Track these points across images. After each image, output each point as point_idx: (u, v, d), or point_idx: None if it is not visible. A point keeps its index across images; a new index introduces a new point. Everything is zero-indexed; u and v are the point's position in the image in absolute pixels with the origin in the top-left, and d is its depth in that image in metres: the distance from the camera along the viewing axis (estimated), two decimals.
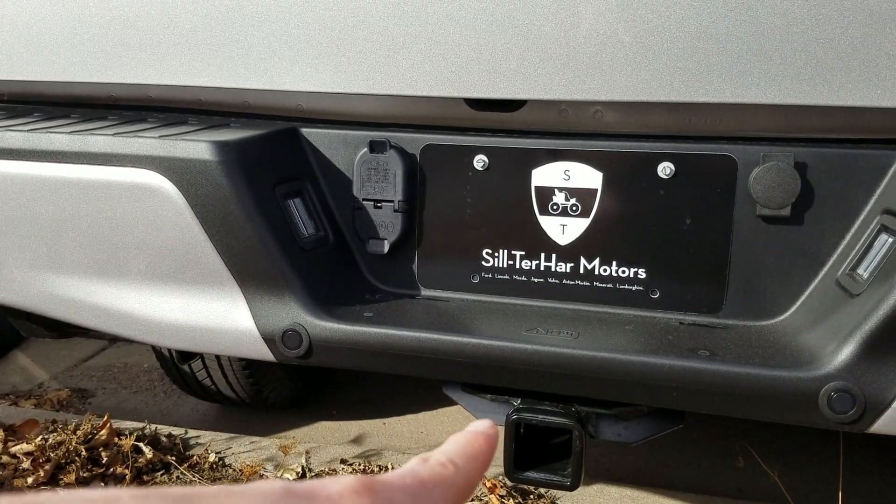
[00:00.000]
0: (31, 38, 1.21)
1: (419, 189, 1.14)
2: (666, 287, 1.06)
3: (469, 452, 0.35)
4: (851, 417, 0.88)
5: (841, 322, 0.92)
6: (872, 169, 0.97)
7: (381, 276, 1.18)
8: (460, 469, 0.34)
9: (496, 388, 1.08)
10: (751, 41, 0.93)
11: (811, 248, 1.00)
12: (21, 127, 1.15)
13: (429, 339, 1.01)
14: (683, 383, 0.93)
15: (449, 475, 0.33)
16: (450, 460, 0.34)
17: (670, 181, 1.04)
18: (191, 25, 1.12)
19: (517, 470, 1.05)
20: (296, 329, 1.05)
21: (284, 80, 1.11)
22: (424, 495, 0.32)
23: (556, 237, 1.09)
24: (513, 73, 1.01)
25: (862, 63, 0.91)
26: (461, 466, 0.34)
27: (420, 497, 0.31)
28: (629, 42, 0.97)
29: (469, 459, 0.35)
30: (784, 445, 1.94)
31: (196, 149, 1.03)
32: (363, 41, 1.06)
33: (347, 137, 1.15)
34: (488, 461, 0.36)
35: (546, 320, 1.06)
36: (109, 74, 1.19)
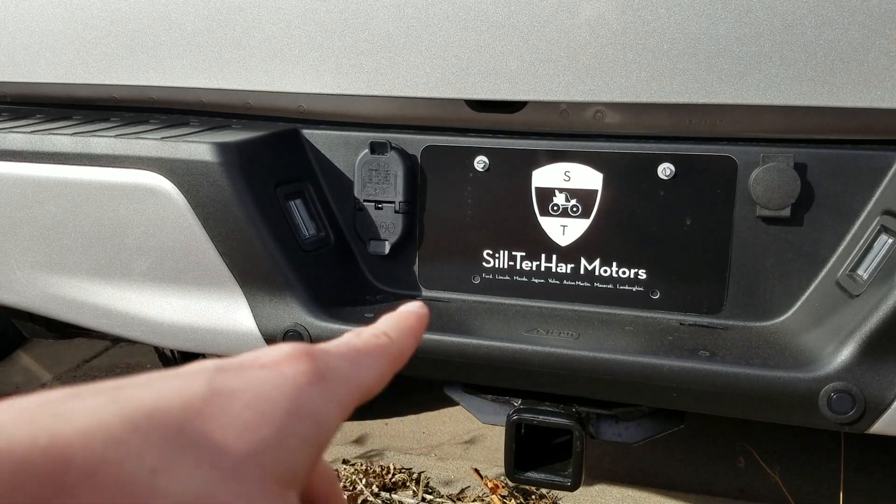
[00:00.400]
0: (34, 41, 1.22)
1: (420, 190, 1.14)
2: (666, 288, 1.06)
3: (402, 327, 0.36)
4: (851, 418, 0.89)
5: (841, 323, 0.92)
6: (872, 170, 0.97)
7: (381, 276, 1.18)
8: (394, 340, 0.35)
9: (497, 389, 1.08)
10: (751, 42, 0.93)
11: (811, 248, 1.00)
12: (24, 128, 1.15)
13: (430, 339, 1.01)
14: (684, 384, 0.93)
15: (383, 344, 0.35)
16: (383, 332, 0.35)
17: (670, 182, 1.04)
18: (192, 27, 1.13)
19: (518, 470, 1.05)
20: (297, 330, 1.05)
21: (286, 82, 1.11)
22: (360, 361, 0.33)
23: (556, 238, 1.10)
24: (513, 75, 1.02)
25: (861, 64, 0.91)
26: (395, 338, 0.35)
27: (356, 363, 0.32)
28: (630, 43, 0.97)
29: (402, 333, 0.36)
30: (785, 446, 1.94)
31: (197, 150, 1.03)
32: (364, 43, 1.06)
33: (348, 139, 1.16)
34: (419, 336, 0.37)
35: (547, 321, 1.06)
36: (111, 76, 1.19)
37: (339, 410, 0.30)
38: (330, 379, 0.30)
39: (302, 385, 0.28)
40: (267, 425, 0.26)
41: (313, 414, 0.28)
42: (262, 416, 0.26)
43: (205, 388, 0.26)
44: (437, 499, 1.73)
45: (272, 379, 0.28)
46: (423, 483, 1.79)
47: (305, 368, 0.29)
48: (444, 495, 1.74)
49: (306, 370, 0.29)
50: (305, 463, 0.28)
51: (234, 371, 0.28)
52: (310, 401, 0.28)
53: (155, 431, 0.24)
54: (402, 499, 1.73)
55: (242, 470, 0.25)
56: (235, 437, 0.25)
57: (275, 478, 0.26)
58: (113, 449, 0.23)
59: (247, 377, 0.27)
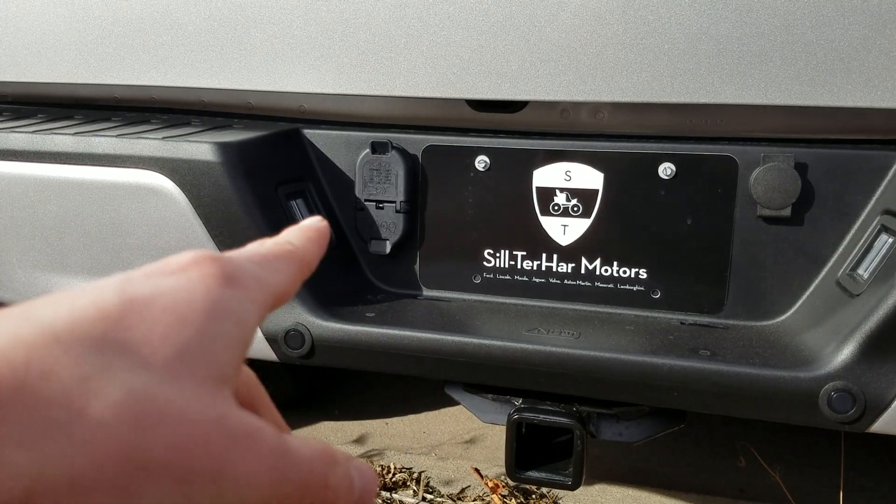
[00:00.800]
0: (36, 41, 1.22)
1: (421, 190, 1.14)
2: (667, 287, 1.07)
3: (305, 237, 0.36)
4: (851, 417, 0.89)
5: (841, 322, 0.92)
6: (873, 169, 0.97)
7: (383, 276, 1.19)
8: (298, 247, 0.35)
9: (498, 388, 1.08)
10: (751, 42, 0.93)
11: (811, 248, 1.00)
12: (25, 128, 1.15)
13: (430, 339, 1.02)
14: (684, 383, 0.93)
15: (289, 250, 0.34)
16: (287, 241, 0.35)
17: (671, 182, 1.04)
18: (194, 27, 1.13)
19: (519, 469, 1.05)
20: (298, 329, 1.06)
21: (287, 82, 1.11)
22: (268, 265, 0.32)
23: (557, 237, 1.10)
24: (514, 75, 1.02)
25: (862, 64, 0.91)
26: (299, 245, 0.35)
27: (264, 266, 0.32)
28: (630, 43, 0.97)
29: (305, 241, 0.36)
30: (785, 445, 1.94)
31: (199, 150, 1.03)
32: (365, 43, 1.06)
33: (349, 138, 1.16)
34: (322, 248, 0.37)
35: (547, 320, 1.06)
36: (113, 76, 1.20)
37: (255, 310, 0.30)
38: (241, 280, 0.29)
39: (214, 287, 0.28)
40: (188, 327, 0.26)
41: (231, 313, 0.28)
42: (183, 318, 0.26)
43: (118, 298, 0.26)
44: (437, 498, 1.73)
45: (183, 284, 0.28)
46: (423, 482, 1.79)
47: (214, 271, 0.29)
48: (445, 495, 1.74)
49: (215, 272, 0.29)
50: (232, 361, 0.28)
51: (142, 279, 0.27)
52: (226, 301, 0.28)
53: (77, 342, 0.24)
54: (403, 498, 1.73)
55: (174, 370, 0.25)
56: (160, 341, 0.25)
57: (206, 377, 0.26)
58: (37, 361, 0.22)
59: (157, 284, 0.27)
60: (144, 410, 0.23)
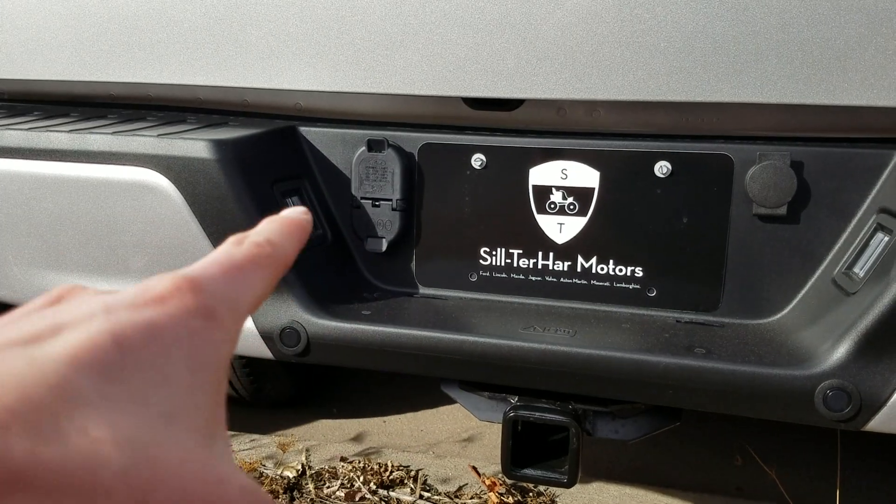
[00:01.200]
0: (31, 38, 1.22)
1: (417, 188, 1.14)
2: (663, 285, 1.07)
3: (285, 232, 0.35)
4: (847, 415, 0.89)
5: (837, 320, 0.92)
6: (868, 168, 0.97)
7: (379, 274, 1.18)
8: (277, 247, 0.34)
9: (494, 386, 1.08)
10: (747, 40, 0.93)
11: (807, 246, 1.00)
12: (21, 126, 1.15)
13: (426, 337, 1.02)
14: (680, 381, 0.93)
15: (266, 254, 0.33)
16: (266, 240, 0.34)
17: (667, 180, 1.04)
18: (190, 24, 1.13)
19: (515, 467, 1.05)
20: (294, 327, 1.06)
21: (283, 79, 1.11)
22: (245, 279, 0.32)
23: (553, 236, 1.10)
24: (511, 73, 1.02)
25: (858, 62, 0.91)
26: (278, 244, 0.34)
27: (241, 282, 0.31)
28: (627, 41, 0.97)
29: (285, 238, 0.35)
30: (782, 443, 1.94)
31: (194, 147, 1.03)
32: (361, 40, 1.06)
33: (345, 136, 1.16)
34: (302, 241, 0.36)
35: (543, 318, 1.06)
36: (109, 73, 1.19)
37: (230, 347, 0.30)
38: (219, 313, 0.29)
39: (196, 330, 0.28)
40: (177, 383, 0.26)
41: (212, 363, 0.28)
42: (170, 375, 0.26)
43: (112, 342, 0.25)
44: (434, 496, 1.73)
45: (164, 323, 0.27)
46: (420, 481, 1.79)
47: (192, 304, 0.28)
48: (442, 493, 1.74)
49: (194, 306, 0.28)
50: (219, 411, 0.28)
51: (126, 313, 0.27)
52: (206, 348, 0.28)
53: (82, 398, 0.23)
54: (400, 496, 1.73)
55: (171, 430, 0.25)
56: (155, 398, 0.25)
57: (201, 434, 0.26)
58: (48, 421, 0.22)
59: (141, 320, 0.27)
60: (147, 476, 0.23)
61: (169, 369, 0.26)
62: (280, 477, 1.80)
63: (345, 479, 1.80)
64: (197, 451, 0.26)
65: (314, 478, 1.80)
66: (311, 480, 1.79)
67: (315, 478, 1.81)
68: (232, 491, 0.26)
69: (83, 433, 0.23)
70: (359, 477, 1.79)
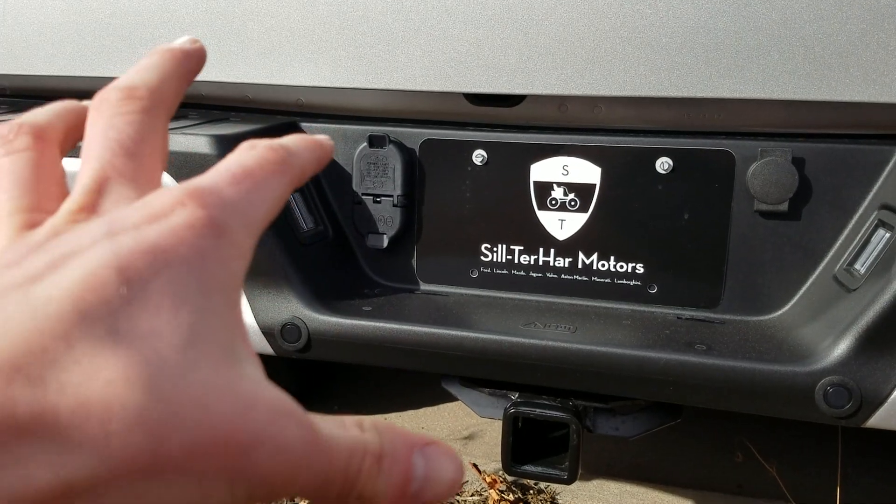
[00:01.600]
0: (33, 33, 1.22)
1: (418, 184, 1.14)
2: (663, 282, 1.06)
3: (303, 144, 0.32)
4: (847, 412, 0.89)
5: (838, 317, 0.92)
6: (870, 164, 0.97)
7: (379, 270, 1.18)
8: (293, 154, 0.31)
9: (494, 383, 1.08)
10: (750, 36, 0.93)
11: (809, 243, 1.00)
12: None
13: (427, 333, 1.02)
14: (680, 377, 0.93)
15: (280, 159, 0.30)
16: (281, 145, 0.31)
17: (668, 176, 1.04)
18: (191, 20, 1.13)
19: (515, 463, 1.05)
20: (294, 323, 1.06)
21: (284, 75, 1.11)
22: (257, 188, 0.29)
23: (554, 232, 1.10)
24: (512, 69, 1.02)
25: (860, 58, 0.91)
26: (294, 152, 0.31)
27: (252, 192, 0.28)
28: (628, 37, 0.97)
29: (302, 148, 0.32)
30: (783, 440, 1.94)
31: (195, 143, 1.03)
32: (363, 36, 1.06)
33: (347, 132, 1.16)
34: (321, 158, 0.33)
35: (544, 315, 1.06)
36: (111, 69, 1.19)
37: (244, 263, 0.27)
38: (230, 227, 0.27)
39: (205, 249, 0.26)
40: (189, 307, 0.24)
41: (224, 282, 0.26)
42: (182, 298, 0.24)
43: (115, 276, 0.24)
44: None
45: (171, 240, 0.25)
46: None
47: (200, 217, 0.26)
48: None
49: (201, 219, 0.26)
50: (237, 330, 0.26)
51: (129, 234, 0.25)
52: (218, 267, 0.26)
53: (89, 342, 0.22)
54: None
55: (190, 359, 0.24)
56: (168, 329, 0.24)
57: (220, 358, 0.24)
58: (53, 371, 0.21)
59: (146, 241, 0.25)
60: (163, 414, 0.22)
61: (179, 295, 0.24)
62: None
63: None
64: (219, 378, 0.24)
65: None
66: None
67: None
68: (260, 413, 0.24)
69: (92, 377, 0.22)
70: None
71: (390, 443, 0.27)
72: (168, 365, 0.23)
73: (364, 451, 0.26)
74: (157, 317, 0.24)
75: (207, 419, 0.23)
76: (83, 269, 0.24)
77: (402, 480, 0.27)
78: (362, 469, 0.26)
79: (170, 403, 0.22)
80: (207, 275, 0.25)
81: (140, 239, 0.25)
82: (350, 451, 0.26)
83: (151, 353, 0.23)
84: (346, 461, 0.26)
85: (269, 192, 0.29)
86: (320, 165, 0.33)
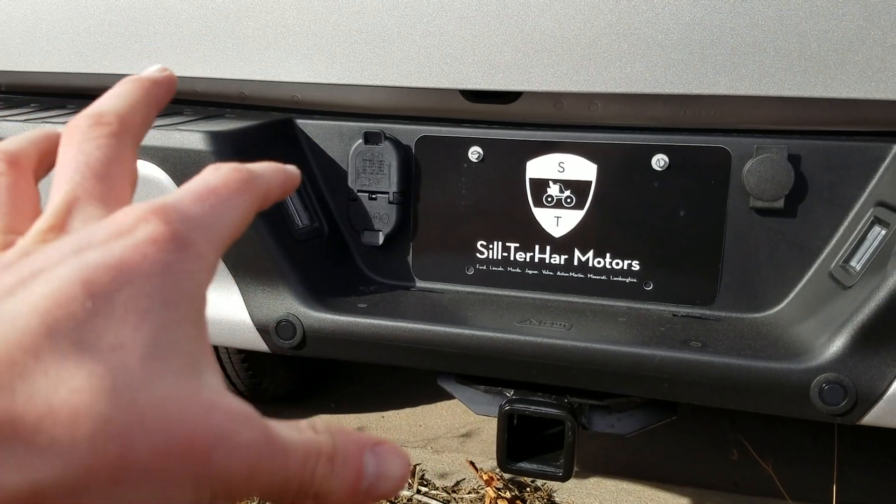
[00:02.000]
0: (28, 30, 1.22)
1: (414, 181, 1.14)
2: (659, 279, 1.06)
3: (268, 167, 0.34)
4: (842, 409, 0.89)
5: (833, 314, 0.92)
6: (866, 161, 0.97)
7: (375, 267, 1.18)
8: (258, 174, 0.32)
9: (489, 380, 1.08)
10: (746, 33, 0.93)
11: (804, 240, 1.00)
12: (16, 117, 1.15)
13: (423, 330, 1.01)
14: (675, 375, 0.93)
15: (244, 178, 0.31)
16: (246, 168, 0.32)
17: (664, 173, 1.04)
18: (187, 16, 1.12)
19: (510, 461, 1.05)
20: (289, 320, 1.05)
21: (280, 72, 1.11)
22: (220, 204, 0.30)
23: (550, 229, 1.09)
24: (508, 65, 1.01)
25: (857, 55, 0.90)
26: (258, 174, 0.32)
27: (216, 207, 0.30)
28: (624, 34, 0.97)
29: (267, 170, 0.33)
30: (779, 437, 1.94)
31: (190, 139, 1.03)
32: (358, 32, 1.06)
33: (342, 129, 1.15)
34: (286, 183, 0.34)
35: (539, 312, 1.06)
36: (106, 65, 1.19)
37: (208, 276, 0.28)
38: (193, 240, 0.28)
39: (168, 263, 0.27)
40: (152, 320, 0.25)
41: (188, 295, 0.27)
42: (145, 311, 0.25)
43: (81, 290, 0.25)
44: (432, 491, 1.73)
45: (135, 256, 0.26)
46: (418, 475, 1.79)
47: (162, 232, 0.27)
48: (440, 488, 1.74)
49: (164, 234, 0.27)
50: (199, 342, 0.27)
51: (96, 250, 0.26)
52: (181, 280, 0.27)
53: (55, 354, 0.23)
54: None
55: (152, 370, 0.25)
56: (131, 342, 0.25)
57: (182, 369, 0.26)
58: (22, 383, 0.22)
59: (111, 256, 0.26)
60: (128, 422, 0.23)
61: (142, 308, 0.25)
62: None
63: None
64: (180, 387, 0.25)
65: None
66: None
67: None
68: (219, 417, 0.25)
69: (59, 386, 0.23)
70: None
71: (342, 444, 0.28)
72: (132, 375, 0.24)
73: (318, 452, 0.28)
74: (122, 329, 0.25)
75: (170, 425, 0.24)
76: (50, 286, 0.25)
77: (354, 479, 0.28)
78: (317, 469, 0.27)
79: (134, 411, 0.23)
80: (171, 288, 0.26)
81: (105, 255, 0.26)
82: (305, 453, 0.27)
83: (116, 363, 0.24)
84: (301, 462, 0.27)
85: (232, 209, 0.30)
86: (285, 190, 0.34)
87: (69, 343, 0.23)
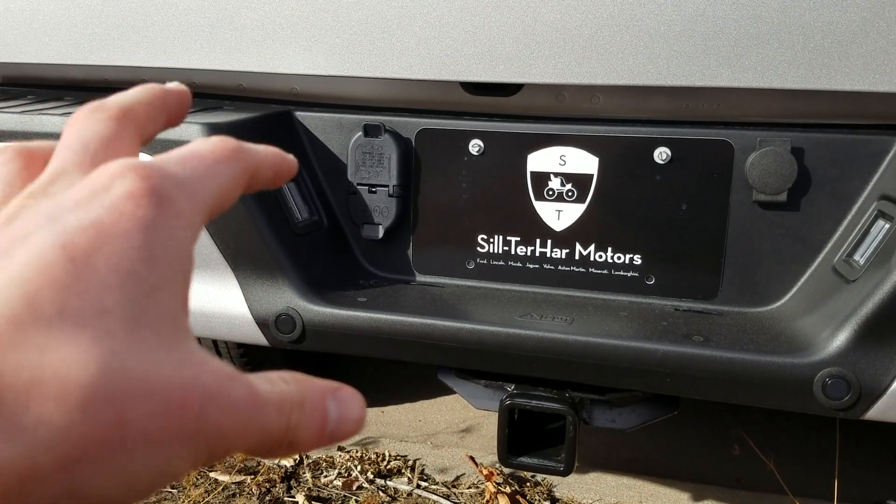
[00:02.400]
0: (25, 21, 1.21)
1: (414, 174, 1.13)
2: (661, 273, 1.06)
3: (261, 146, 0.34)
4: (846, 404, 0.88)
5: (837, 308, 0.92)
6: (870, 154, 0.96)
7: (375, 261, 1.17)
8: (248, 150, 0.32)
9: (490, 374, 1.08)
10: (748, 25, 0.92)
11: (808, 233, 0.99)
12: (13, 109, 1.14)
13: (423, 324, 1.01)
14: (677, 369, 0.92)
15: (233, 147, 0.31)
16: (236, 141, 0.32)
17: (667, 166, 1.03)
18: (185, 8, 1.11)
19: (511, 455, 1.05)
20: (289, 313, 1.05)
21: (279, 63, 1.10)
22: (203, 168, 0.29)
23: (551, 223, 1.09)
24: (509, 57, 1.00)
25: (861, 47, 0.90)
26: (249, 149, 0.32)
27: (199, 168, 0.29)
28: (626, 25, 0.96)
29: (260, 148, 0.33)
30: (781, 433, 1.94)
31: (188, 131, 1.02)
32: (358, 23, 1.05)
33: (342, 121, 1.14)
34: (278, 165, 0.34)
35: (540, 306, 1.05)
36: (103, 57, 1.18)
37: (189, 234, 0.28)
38: (171, 196, 0.27)
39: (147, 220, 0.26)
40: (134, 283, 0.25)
41: (170, 254, 0.26)
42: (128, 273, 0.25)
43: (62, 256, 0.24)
44: (432, 486, 1.73)
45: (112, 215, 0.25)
46: (418, 470, 1.78)
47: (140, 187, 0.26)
48: (440, 482, 1.74)
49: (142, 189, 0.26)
50: (181, 304, 0.27)
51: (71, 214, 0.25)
52: (162, 238, 0.26)
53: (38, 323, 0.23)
54: (397, 486, 1.72)
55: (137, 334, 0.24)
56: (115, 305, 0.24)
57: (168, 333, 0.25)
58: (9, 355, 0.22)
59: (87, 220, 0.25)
60: (119, 387, 0.23)
61: (124, 269, 0.25)
62: (277, 466, 1.79)
63: (342, 469, 1.79)
64: (169, 349, 0.25)
65: (311, 467, 1.80)
66: (308, 470, 1.79)
67: (312, 467, 1.80)
68: (208, 377, 0.26)
69: (46, 357, 0.22)
70: (356, 466, 1.79)
71: (308, 391, 0.29)
72: (119, 341, 0.24)
73: (291, 402, 0.28)
74: (105, 293, 0.24)
75: (163, 387, 0.24)
76: (29, 253, 0.24)
77: (320, 424, 0.29)
78: (291, 419, 0.28)
79: (125, 376, 0.23)
80: (151, 245, 0.26)
81: (81, 216, 0.25)
82: (280, 404, 0.28)
83: (102, 330, 0.24)
84: (278, 413, 0.28)
85: (216, 175, 0.30)
86: (278, 173, 0.34)
87: (53, 311, 0.23)
